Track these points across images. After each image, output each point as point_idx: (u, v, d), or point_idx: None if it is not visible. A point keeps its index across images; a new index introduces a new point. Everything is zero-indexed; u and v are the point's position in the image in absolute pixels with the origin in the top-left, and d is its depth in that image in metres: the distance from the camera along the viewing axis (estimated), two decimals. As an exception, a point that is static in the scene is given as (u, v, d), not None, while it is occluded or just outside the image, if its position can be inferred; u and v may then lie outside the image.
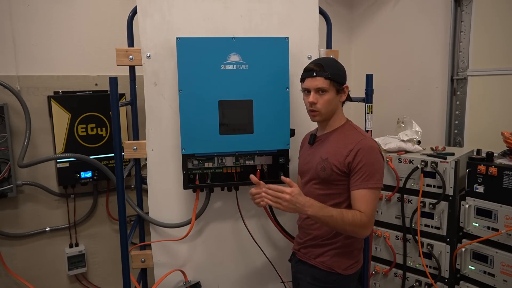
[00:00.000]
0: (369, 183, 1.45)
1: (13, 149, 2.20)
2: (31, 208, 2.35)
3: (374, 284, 2.35)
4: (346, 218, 1.42)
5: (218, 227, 1.94)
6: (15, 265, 2.31)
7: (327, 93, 1.53)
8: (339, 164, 1.50)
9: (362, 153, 1.47)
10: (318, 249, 1.59)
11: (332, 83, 1.52)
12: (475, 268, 1.96)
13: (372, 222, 1.48)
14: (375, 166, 1.47)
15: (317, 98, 1.53)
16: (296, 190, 1.41)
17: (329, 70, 1.52)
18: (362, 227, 1.44)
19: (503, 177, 1.85)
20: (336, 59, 1.65)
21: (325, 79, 1.51)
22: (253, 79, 1.73)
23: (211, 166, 1.79)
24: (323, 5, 1.98)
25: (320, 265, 1.58)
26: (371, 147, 1.49)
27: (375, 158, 1.48)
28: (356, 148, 1.48)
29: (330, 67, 1.53)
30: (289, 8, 1.87)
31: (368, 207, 1.45)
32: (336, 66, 1.56)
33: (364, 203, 1.45)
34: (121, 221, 1.67)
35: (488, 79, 2.41)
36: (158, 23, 1.77)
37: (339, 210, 1.45)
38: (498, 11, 2.33)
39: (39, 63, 2.30)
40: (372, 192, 1.46)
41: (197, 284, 1.90)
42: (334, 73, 1.52)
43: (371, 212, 1.46)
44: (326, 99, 1.53)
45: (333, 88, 1.53)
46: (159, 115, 1.81)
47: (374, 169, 1.47)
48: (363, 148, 1.47)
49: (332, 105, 1.55)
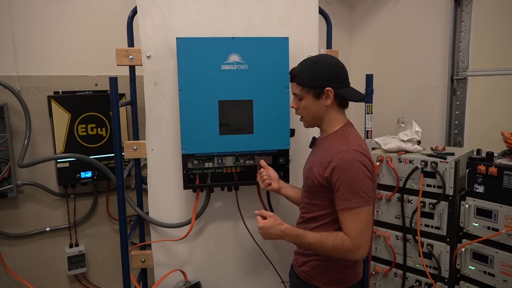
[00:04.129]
0: (351, 203, 1.31)
1: (13, 149, 2.20)
2: (31, 208, 2.35)
3: (374, 284, 2.35)
4: (325, 244, 1.35)
5: (218, 227, 1.94)
6: (15, 265, 2.31)
7: (303, 99, 1.45)
8: (319, 176, 1.39)
9: (339, 169, 1.32)
10: (303, 257, 1.52)
11: (304, 89, 1.43)
12: (475, 268, 1.96)
13: (363, 244, 1.32)
14: (355, 183, 1.31)
15: (297, 103, 1.48)
16: (267, 224, 1.45)
17: (302, 75, 1.42)
18: (346, 252, 1.33)
19: (503, 177, 1.85)
20: (326, 57, 1.48)
21: (297, 84, 1.45)
22: (253, 79, 1.73)
23: (211, 166, 1.79)
24: (323, 5, 1.98)
25: (301, 274, 1.52)
26: (349, 162, 1.32)
27: (354, 174, 1.32)
28: (333, 163, 1.33)
29: (305, 70, 1.43)
30: (289, 8, 1.87)
31: (352, 229, 1.32)
32: (311, 69, 1.42)
33: (347, 224, 1.33)
34: (121, 221, 1.67)
35: (488, 79, 2.42)
36: (158, 23, 1.77)
37: (318, 236, 1.37)
38: (498, 11, 2.33)
39: (39, 63, 2.30)
40: (355, 212, 1.31)
41: (197, 284, 1.90)
42: (307, 77, 1.41)
43: (357, 233, 1.31)
44: (302, 105, 1.46)
45: (307, 94, 1.43)
46: (159, 115, 1.81)
47: (355, 186, 1.31)
48: (340, 164, 1.32)
49: (313, 111, 1.45)
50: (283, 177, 1.83)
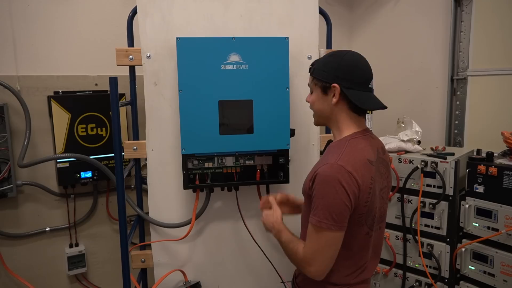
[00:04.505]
0: (313, 219, 1.22)
1: (13, 149, 2.20)
2: (31, 208, 2.35)
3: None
4: (288, 247, 1.32)
5: (218, 227, 1.94)
6: (15, 265, 2.31)
7: (313, 92, 1.36)
8: (306, 184, 1.32)
9: (316, 181, 1.23)
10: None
11: (314, 80, 1.34)
12: (475, 268, 1.96)
13: (312, 263, 1.24)
14: (325, 201, 1.20)
15: (310, 97, 1.40)
16: (269, 211, 1.45)
17: (315, 66, 1.34)
18: (299, 263, 1.29)
19: (503, 177, 1.85)
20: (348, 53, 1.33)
21: (310, 75, 1.37)
22: (253, 79, 1.73)
23: (211, 166, 1.79)
24: (323, 5, 1.98)
25: (296, 285, 1.47)
26: (327, 177, 1.20)
27: (327, 192, 1.19)
28: (316, 173, 1.24)
29: (320, 61, 1.34)
30: (289, 8, 1.87)
31: (309, 245, 1.25)
32: (325, 61, 1.32)
33: (308, 237, 1.26)
34: (121, 221, 1.67)
35: (488, 79, 2.41)
36: (158, 23, 1.77)
37: (289, 237, 1.33)
38: (498, 11, 2.33)
39: (39, 63, 2.30)
40: (315, 230, 1.22)
41: (197, 284, 1.90)
42: (318, 68, 1.32)
43: (312, 251, 1.24)
44: (311, 99, 1.37)
45: (316, 87, 1.34)
46: (159, 115, 1.81)
47: (323, 204, 1.20)
48: (319, 176, 1.22)
49: (319, 107, 1.35)
50: (283, 177, 1.83)
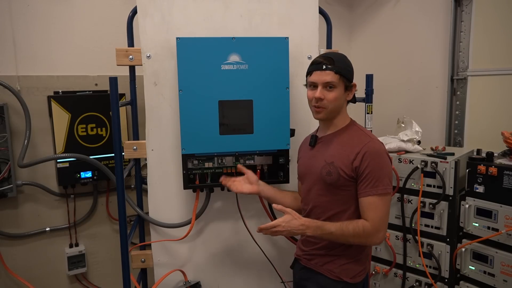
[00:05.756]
0: (378, 189, 1.39)
1: (13, 149, 2.20)
2: (31, 208, 2.35)
3: (374, 284, 2.35)
4: (346, 231, 1.40)
5: (218, 227, 1.94)
6: (15, 265, 2.31)
7: (335, 89, 1.44)
8: (346, 168, 1.42)
9: (369, 157, 1.39)
10: (325, 258, 1.53)
11: (341, 78, 1.44)
12: (475, 268, 1.96)
13: (381, 228, 1.41)
14: (383, 170, 1.40)
15: (324, 93, 1.44)
16: (288, 218, 1.42)
17: (339, 65, 1.44)
18: (367, 237, 1.40)
19: (503, 177, 1.85)
20: (345, 54, 1.54)
21: (335, 73, 1.43)
22: (253, 79, 1.73)
23: (211, 166, 1.79)
24: (323, 5, 1.98)
25: (327, 273, 1.52)
26: (379, 151, 1.42)
27: (383, 162, 1.41)
28: (363, 151, 1.40)
29: (340, 61, 1.46)
30: (289, 8, 1.87)
31: (376, 215, 1.39)
32: (346, 61, 1.48)
33: (371, 210, 1.40)
34: (121, 221, 1.67)
35: (488, 79, 2.41)
36: (158, 23, 1.77)
37: (338, 224, 1.42)
38: (498, 11, 2.33)
39: (39, 63, 2.30)
40: (381, 198, 1.39)
41: (197, 284, 1.90)
42: (345, 68, 1.45)
43: (379, 219, 1.40)
44: (333, 96, 1.44)
45: (342, 84, 1.45)
46: (159, 115, 1.81)
47: (383, 173, 1.40)
48: (370, 152, 1.40)
49: (339, 103, 1.47)
50: (283, 177, 1.83)
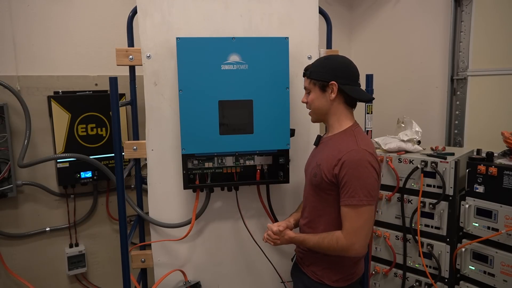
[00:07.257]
0: (353, 200, 1.36)
1: (13, 149, 2.20)
2: (31, 208, 2.35)
3: (374, 284, 2.35)
4: (322, 245, 1.43)
5: (218, 227, 1.94)
6: (15, 265, 2.31)
7: (311, 93, 1.52)
8: (328, 173, 1.43)
9: (347, 166, 1.37)
10: (312, 258, 1.56)
11: (312, 81, 1.50)
12: (475, 268, 1.96)
13: (356, 241, 1.37)
14: (361, 181, 1.36)
15: (306, 97, 1.55)
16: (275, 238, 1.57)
17: (312, 69, 1.50)
18: (342, 250, 1.39)
19: (503, 177, 1.85)
20: (339, 56, 1.55)
21: (307, 78, 1.53)
22: (253, 79, 1.73)
23: (211, 166, 1.79)
24: (323, 5, 1.98)
25: (310, 274, 1.55)
26: (359, 161, 1.37)
27: (361, 173, 1.36)
28: (343, 159, 1.38)
29: (316, 65, 1.51)
30: (289, 8, 1.87)
31: (350, 225, 1.37)
32: (321, 63, 1.50)
33: (347, 221, 1.38)
34: (121, 221, 1.67)
35: (488, 79, 2.41)
36: (158, 23, 1.77)
37: (316, 239, 1.46)
38: (498, 11, 2.33)
39: (39, 63, 2.30)
40: (355, 210, 1.36)
41: (197, 284, 1.90)
42: (315, 71, 1.49)
43: (353, 231, 1.36)
44: (310, 99, 1.52)
45: (314, 87, 1.50)
46: (159, 115, 1.81)
47: (360, 184, 1.35)
48: (349, 161, 1.37)
49: (319, 105, 1.50)
50: (283, 177, 1.83)
